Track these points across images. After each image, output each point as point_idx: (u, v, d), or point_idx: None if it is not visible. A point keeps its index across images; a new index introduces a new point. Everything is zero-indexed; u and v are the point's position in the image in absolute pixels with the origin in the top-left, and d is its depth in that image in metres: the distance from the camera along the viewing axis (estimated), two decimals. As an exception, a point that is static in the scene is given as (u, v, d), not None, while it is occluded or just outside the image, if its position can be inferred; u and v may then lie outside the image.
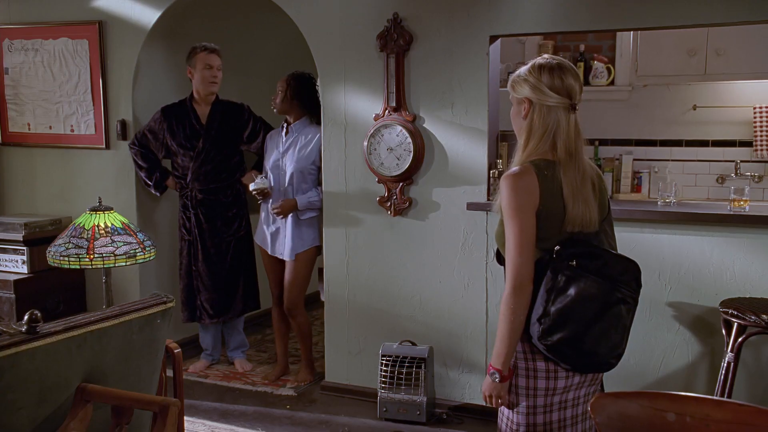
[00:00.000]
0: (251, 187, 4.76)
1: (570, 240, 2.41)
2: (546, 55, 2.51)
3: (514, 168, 2.44)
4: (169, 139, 5.03)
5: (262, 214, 4.95)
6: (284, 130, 4.86)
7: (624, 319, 2.43)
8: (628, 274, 2.43)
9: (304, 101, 4.81)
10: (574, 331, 2.36)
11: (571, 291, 2.36)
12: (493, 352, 2.48)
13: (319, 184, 4.80)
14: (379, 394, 4.43)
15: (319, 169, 4.76)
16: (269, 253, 4.93)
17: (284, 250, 4.83)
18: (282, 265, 4.91)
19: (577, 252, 2.38)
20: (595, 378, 2.54)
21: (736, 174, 5.63)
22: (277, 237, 4.86)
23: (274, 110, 4.86)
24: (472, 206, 4.34)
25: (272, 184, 4.81)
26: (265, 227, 4.94)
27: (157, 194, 5.17)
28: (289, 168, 4.77)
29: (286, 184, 4.78)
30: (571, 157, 2.43)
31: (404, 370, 4.37)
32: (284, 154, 4.81)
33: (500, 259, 2.59)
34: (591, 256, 2.39)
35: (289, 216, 4.78)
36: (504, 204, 2.42)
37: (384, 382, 4.41)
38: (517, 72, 2.52)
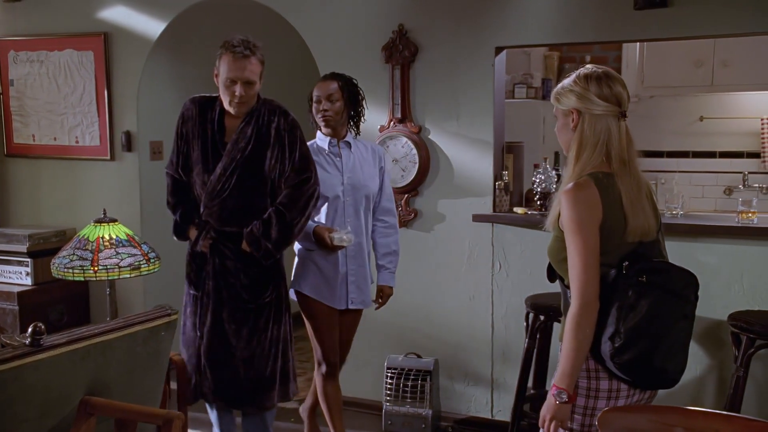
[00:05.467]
0: (337, 241, 3.57)
1: (634, 254, 2.36)
2: (589, 65, 2.47)
3: (572, 182, 2.38)
4: (192, 144, 3.56)
5: (310, 258, 3.72)
6: (334, 145, 3.75)
7: (686, 334, 2.40)
8: (690, 288, 2.40)
9: (357, 114, 3.82)
10: (646, 348, 2.30)
11: (642, 308, 2.30)
12: (557, 372, 2.39)
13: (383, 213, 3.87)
14: (384, 406, 4.41)
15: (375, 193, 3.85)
16: (329, 304, 3.73)
17: (361, 296, 3.80)
18: (338, 317, 3.82)
19: (645, 267, 2.33)
20: (652, 395, 2.49)
21: (743, 185, 5.61)
22: (343, 284, 3.74)
23: (321, 125, 3.75)
24: (477, 218, 4.32)
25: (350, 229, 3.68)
26: (324, 273, 3.72)
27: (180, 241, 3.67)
28: (359, 192, 3.73)
29: (352, 216, 3.73)
30: (625, 165, 2.39)
31: (409, 383, 4.35)
32: (346, 176, 3.71)
33: (551, 275, 2.54)
34: (657, 271, 2.35)
35: (362, 253, 3.78)
36: (565, 220, 2.36)
37: (389, 395, 4.39)
38: (560, 84, 2.48)
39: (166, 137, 5.43)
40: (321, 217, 3.70)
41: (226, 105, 3.46)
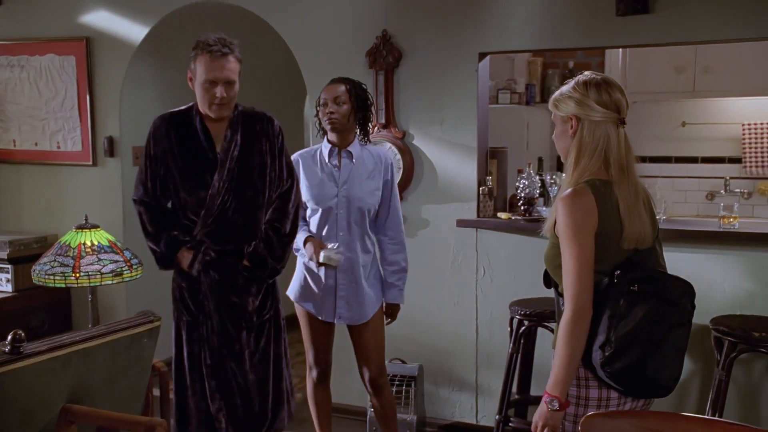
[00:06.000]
0: (324, 259, 3.51)
1: (628, 262, 2.35)
2: (587, 72, 2.46)
3: (569, 189, 2.37)
4: (172, 164, 3.28)
5: (302, 264, 3.70)
6: (334, 155, 3.64)
7: (681, 342, 2.39)
8: (686, 297, 2.39)
9: (366, 118, 3.68)
10: (638, 357, 2.29)
11: (633, 316, 2.29)
12: (550, 380, 2.37)
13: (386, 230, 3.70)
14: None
15: (381, 201, 3.67)
16: (317, 316, 3.70)
17: (350, 312, 3.66)
18: (333, 330, 3.80)
19: (638, 276, 2.32)
20: (647, 404, 2.47)
21: (725, 191, 5.65)
22: (330, 298, 3.64)
23: (327, 129, 3.62)
24: (462, 223, 4.32)
25: (340, 247, 3.57)
26: (312, 283, 3.67)
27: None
28: (353, 205, 3.59)
29: (345, 229, 3.60)
30: (624, 172, 2.38)
31: (394, 389, 4.33)
32: (342, 188, 3.59)
33: (547, 281, 2.52)
34: (650, 280, 2.34)
35: (354, 268, 3.62)
36: (561, 226, 2.34)
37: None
38: (558, 91, 2.47)
39: (148, 142, 5.41)
40: (312, 227, 3.63)
41: (205, 109, 3.23)
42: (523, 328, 3.90)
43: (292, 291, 3.75)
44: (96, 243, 3.56)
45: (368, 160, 3.64)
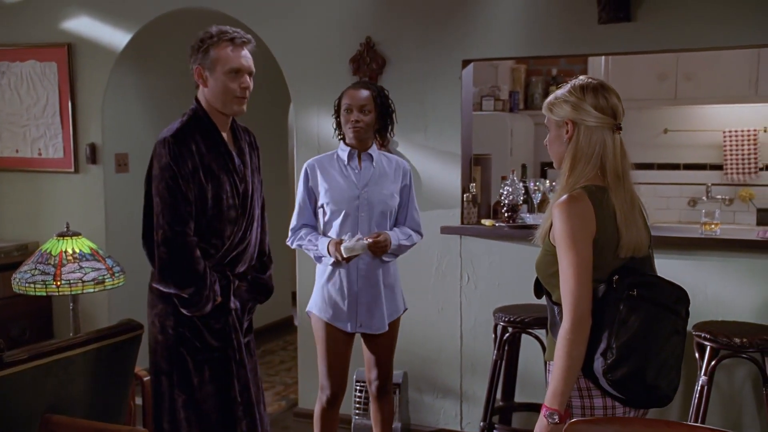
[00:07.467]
0: (347, 252, 3.36)
1: (625, 268, 2.31)
2: (582, 77, 2.42)
3: (565, 194, 2.31)
4: (205, 180, 2.88)
5: (322, 274, 3.59)
6: (354, 158, 3.56)
7: (678, 350, 2.34)
8: (681, 303, 2.34)
9: (385, 125, 3.61)
10: (638, 364, 2.24)
11: (633, 322, 2.24)
12: (548, 392, 2.28)
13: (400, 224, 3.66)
14: (353, 420, 4.38)
15: (400, 206, 3.63)
16: (348, 330, 3.55)
17: (371, 320, 3.55)
18: (351, 345, 3.66)
19: (636, 281, 2.27)
20: (645, 413, 2.43)
21: (707, 197, 5.70)
22: (352, 305, 3.52)
23: (350, 136, 3.52)
24: (446, 230, 4.33)
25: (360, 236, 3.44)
26: (332, 292, 3.54)
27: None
28: (377, 207, 3.53)
29: (366, 232, 3.49)
30: (619, 179, 2.34)
31: (378, 396, 4.32)
32: (364, 190, 3.52)
33: (539, 291, 2.47)
34: (648, 285, 2.29)
35: (374, 272, 3.55)
36: (558, 233, 2.28)
37: (358, 408, 4.36)
38: (553, 94, 2.42)
39: (131, 150, 5.38)
40: (333, 230, 3.51)
41: (225, 104, 2.89)
42: (507, 334, 3.91)
43: (313, 305, 3.60)
44: (77, 251, 3.53)
45: (387, 164, 3.60)
